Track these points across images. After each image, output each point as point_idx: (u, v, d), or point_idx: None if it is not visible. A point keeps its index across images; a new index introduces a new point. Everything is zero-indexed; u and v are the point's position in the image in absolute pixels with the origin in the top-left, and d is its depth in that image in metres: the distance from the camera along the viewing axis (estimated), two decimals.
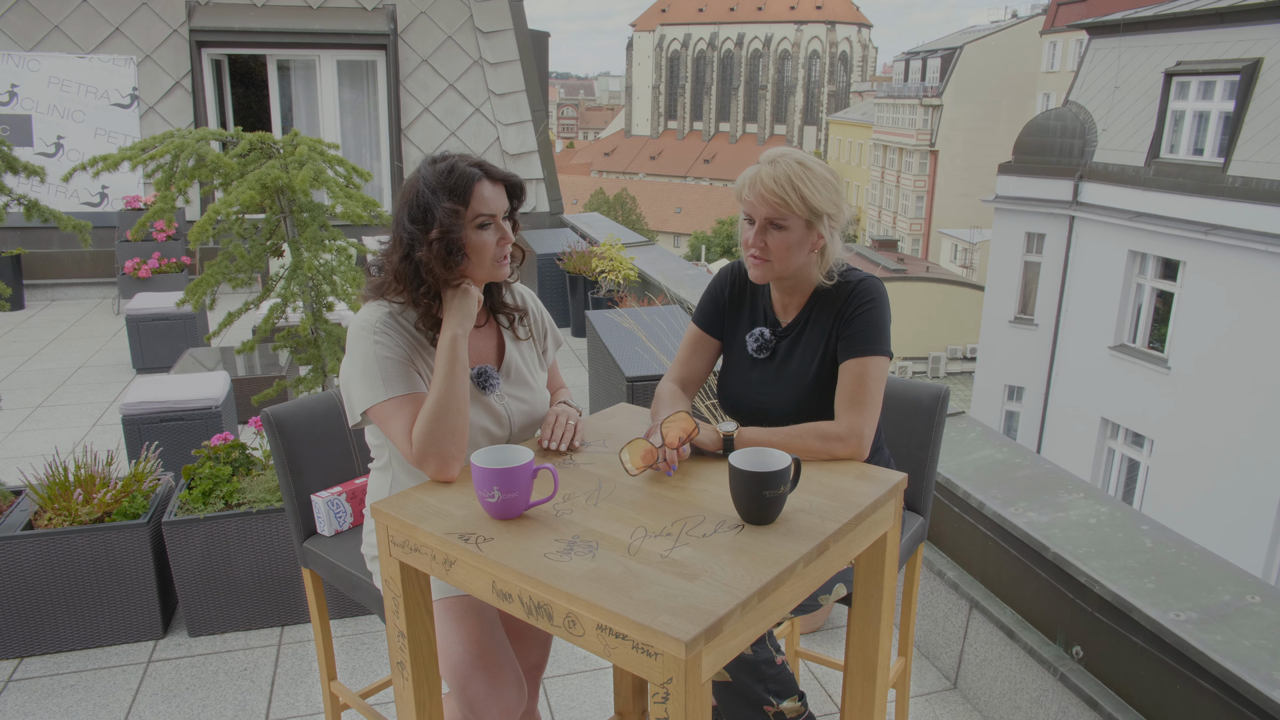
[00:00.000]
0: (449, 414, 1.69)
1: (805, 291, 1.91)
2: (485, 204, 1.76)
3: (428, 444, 1.67)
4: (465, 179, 1.74)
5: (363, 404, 1.75)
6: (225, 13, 8.79)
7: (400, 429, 1.71)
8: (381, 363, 1.74)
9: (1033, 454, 3.04)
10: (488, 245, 1.77)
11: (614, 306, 5.83)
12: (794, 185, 1.77)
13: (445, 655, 1.78)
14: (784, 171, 1.78)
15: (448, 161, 1.77)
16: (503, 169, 1.82)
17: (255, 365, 5.00)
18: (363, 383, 1.74)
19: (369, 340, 1.76)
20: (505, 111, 9.42)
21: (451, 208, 1.72)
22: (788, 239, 1.80)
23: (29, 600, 2.81)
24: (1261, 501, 11.03)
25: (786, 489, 1.48)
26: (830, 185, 1.81)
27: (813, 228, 1.81)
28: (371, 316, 1.78)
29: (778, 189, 1.77)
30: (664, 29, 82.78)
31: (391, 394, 1.73)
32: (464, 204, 1.74)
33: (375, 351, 1.75)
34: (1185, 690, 2.05)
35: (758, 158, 1.86)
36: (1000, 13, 54.65)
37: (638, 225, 53.16)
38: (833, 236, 1.84)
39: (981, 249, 33.89)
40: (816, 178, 1.79)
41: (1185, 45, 13.14)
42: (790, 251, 1.81)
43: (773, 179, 1.78)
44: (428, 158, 1.79)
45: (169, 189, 3.05)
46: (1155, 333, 13.23)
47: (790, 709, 1.91)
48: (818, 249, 1.85)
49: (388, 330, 1.77)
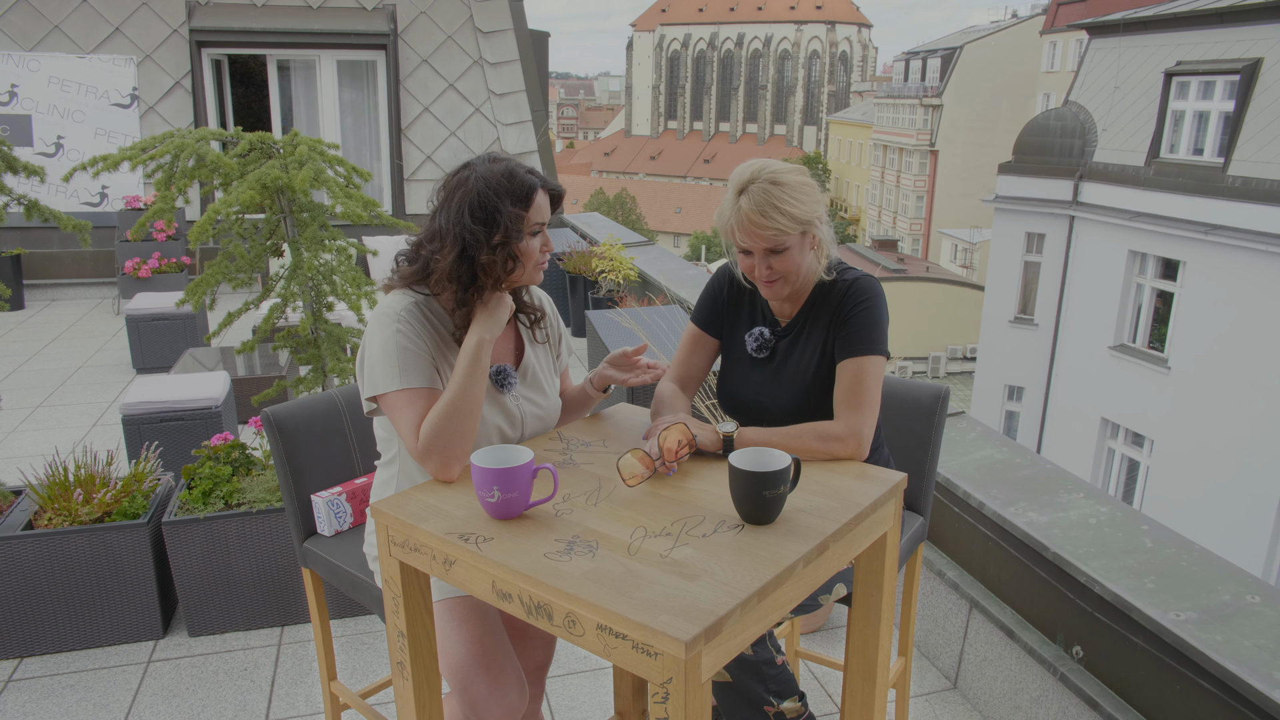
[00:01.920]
0: (461, 415, 1.68)
1: (804, 290, 1.92)
2: (541, 213, 1.79)
3: (435, 441, 1.66)
4: (528, 186, 1.75)
5: (375, 389, 1.74)
6: (225, 13, 8.79)
7: (409, 421, 1.71)
8: (401, 352, 1.73)
9: (1033, 454, 3.04)
10: (534, 252, 1.78)
11: (614, 306, 5.84)
12: (778, 209, 1.76)
13: (447, 656, 1.78)
14: (761, 200, 1.76)
15: (505, 164, 1.77)
16: (552, 179, 1.83)
17: (255, 365, 5.00)
18: (381, 368, 1.74)
19: (391, 327, 1.75)
20: (505, 111, 9.42)
21: (516, 213, 1.73)
22: (790, 256, 1.82)
23: (29, 600, 2.81)
24: (1261, 501, 11.03)
25: (786, 489, 1.48)
26: (806, 189, 1.80)
27: (806, 234, 1.83)
28: (397, 304, 1.78)
29: (765, 221, 1.76)
30: (664, 29, 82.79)
31: (406, 384, 1.72)
32: (526, 210, 1.75)
33: (396, 340, 1.74)
34: (1185, 690, 2.05)
35: (757, 158, 1.86)
36: (1000, 13, 54.74)
37: (638, 225, 53.19)
38: (824, 236, 1.87)
39: (981, 249, 33.90)
40: (792, 190, 1.78)
41: (1185, 45, 13.14)
42: (797, 265, 1.84)
43: (756, 212, 1.76)
44: (483, 156, 1.79)
45: (169, 189, 3.05)
46: (1155, 333, 13.24)
47: (790, 709, 1.91)
48: (814, 250, 1.87)
49: (412, 320, 1.76)
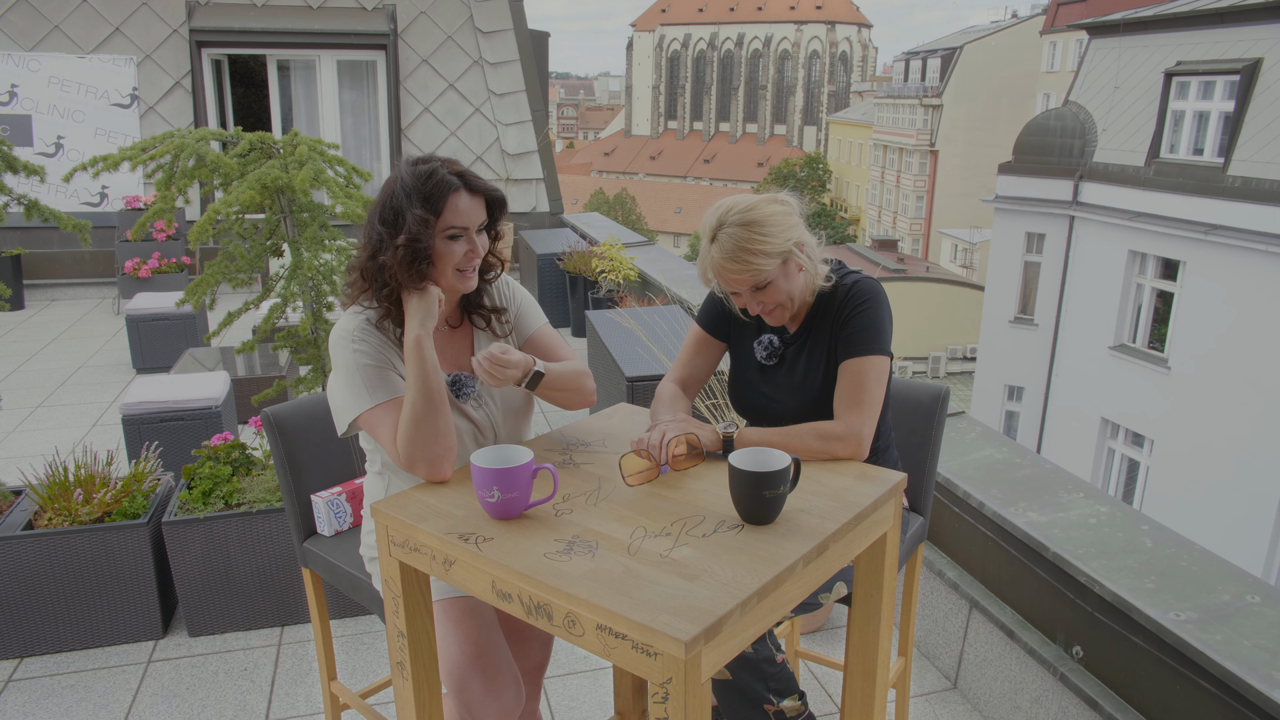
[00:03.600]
0: (428, 416, 1.67)
1: (807, 301, 1.92)
2: (459, 216, 1.71)
3: (412, 449, 1.66)
4: (441, 187, 1.69)
5: (350, 413, 1.74)
6: (225, 13, 8.79)
7: (389, 434, 1.71)
8: (363, 370, 1.74)
9: (1033, 454, 3.04)
10: (453, 256, 1.72)
11: (614, 306, 5.83)
12: (748, 252, 1.76)
13: (443, 657, 1.78)
14: (730, 247, 1.76)
15: (429, 165, 1.71)
16: (485, 181, 1.77)
17: (255, 365, 5.00)
18: (348, 392, 1.74)
19: (349, 349, 1.75)
20: (505, 111, 9.42)
21: (422, 215, 1.67)
22: (775, 287, 1.82)
23: (29, 600, 2.81)
24: (1261, 501, 11.03)
25: (786, 489, 1.48)
26: (775, 219, 1.79)
27: (788, 262, 1.82)
28: (349, 325, 1.78)
29: (739, 265, 1.77)
30: (664, 29, 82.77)
31: (376, 400, 1.73)
32: (435, 214, 1.69)
33: (355, 360, 1.74)
34: (1185, 690, 2.05)
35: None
36: (1000, 13, 54.77)
37: (638, 225, 53.14)
38: (807, 253, 1.85)
39: (981, 249, 33.90)
40: (760, 227, 1.77)
41: (1185, 45, 13.14)
42: (788, 291, 1.84)
43: (728, 259, 1.77)
44: (411, 157, 1.75)
45: (169, 189, 3.05)
46: (1155, 333, 13.24)
47: (790, 708, 1.91)
48: (803, 270, 1.86)
49: (365, 337, 1.76)
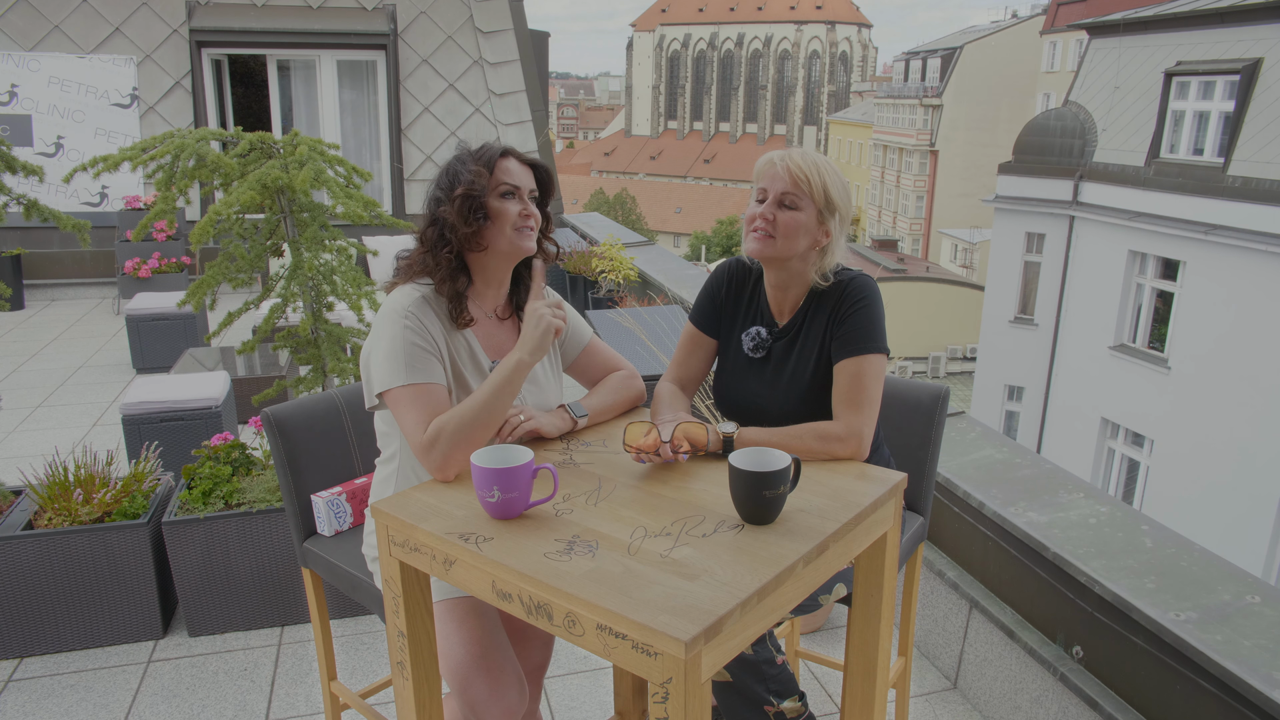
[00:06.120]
0: (477, 426, 1.69)
1: (801, 291, 1.92)
2: (510, 175, 1.82)
3: (441, 440, 1.66)
4: (493, 150, 1.83)
5: (381, 385, 1.74)
6: (225, 13, 8.79)
7: (413, 417, 1.70)
8: (408, 348, 1.74)
9: (1033, 454, 3.04)
10: (509, 215, 1.81)
11: (614, 306, 5.83)
12: (818, 171, 1.84)
13: (446, 657, 1.78)
14: (811, 159, 1.86)
15: (485, 143, 1.86)
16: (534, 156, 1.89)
17: (255, 365, 5.00)
18: (388, 365, 1.74)
19: (399, 323, 1.75)
20: (505, 111, 9.41)
21: (476, 169, 1.79)
22: (797, 219, 1.83)
23: (29, 600, 2.81)
24: (1261, 501, 11.03)
25: (786, 489, 1.48)
26: (846, 190, 1.89)
27: (823, 222, 1.84)
28: (404, 300, 1.78)
29: (804, 166, 1.84)
30: (664, 29, 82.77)
31: (413, 380, 1.72)
32: (489, 169, 1.80)
33: (404, 336, 1.74)
34: (1185, 690, 2.05)
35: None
36: (1000, 13, 54.73)
37: (638, 225, 53.15)
38: (837, 237, 1.87)
39: (981, 249, 33.89)
40: (837, 176, 1.88)
41: (1185, 45, 13.14)
42: (796, 233, 1.84)
43: (800, 158, 1.85)
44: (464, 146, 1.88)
45: (169, 189, 3.05)
46: (1155, 333, 13.24)
47: (790, 709, 1.91)
48: (820, 247, 1.86)
49: (419, 314, 1.77)
